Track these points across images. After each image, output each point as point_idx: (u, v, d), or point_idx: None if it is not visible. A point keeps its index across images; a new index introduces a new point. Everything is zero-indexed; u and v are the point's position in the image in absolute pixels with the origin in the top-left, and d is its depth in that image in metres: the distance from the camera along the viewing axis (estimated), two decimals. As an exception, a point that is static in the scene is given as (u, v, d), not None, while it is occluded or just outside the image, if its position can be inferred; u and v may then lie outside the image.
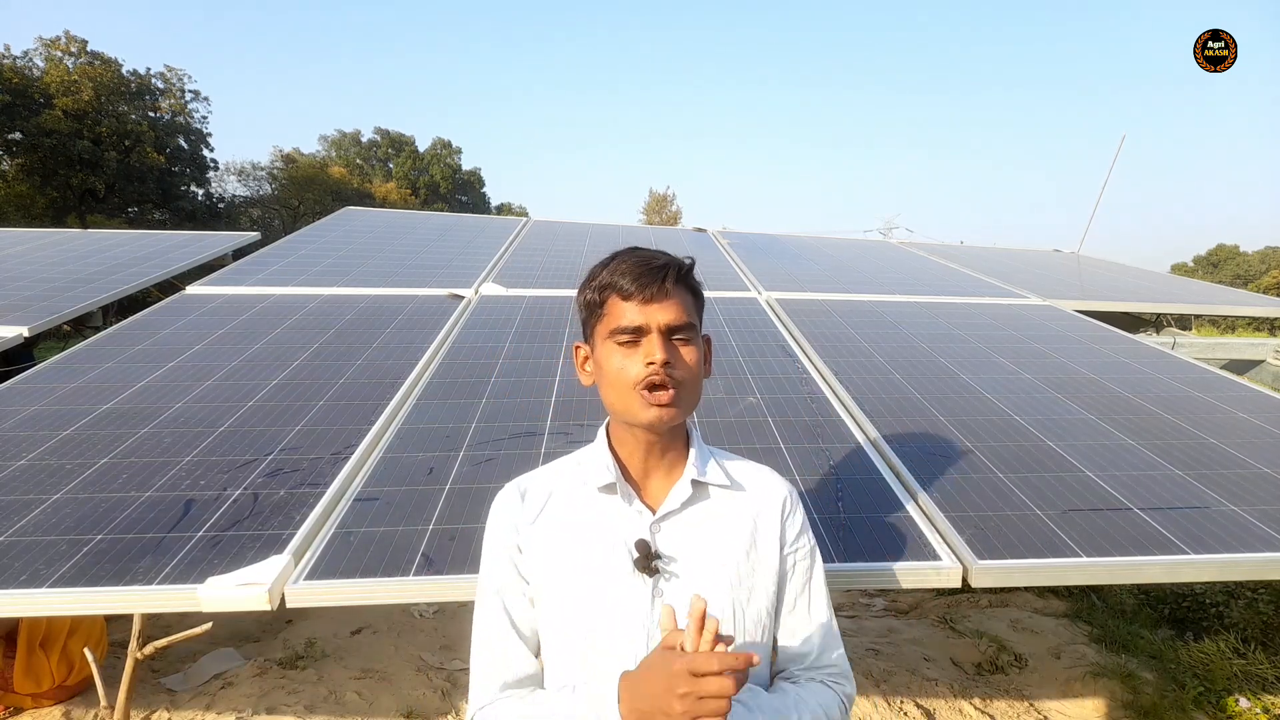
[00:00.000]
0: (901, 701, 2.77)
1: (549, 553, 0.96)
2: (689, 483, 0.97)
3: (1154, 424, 2.05)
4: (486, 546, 1.00)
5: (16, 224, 16.76)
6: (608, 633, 0.93)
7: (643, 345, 0.91)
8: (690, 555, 0.95)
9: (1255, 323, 13.58)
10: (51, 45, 20.79)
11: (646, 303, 0.91)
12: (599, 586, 0.93)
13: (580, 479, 0.99)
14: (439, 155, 38.73)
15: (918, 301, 3.47)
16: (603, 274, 0.94)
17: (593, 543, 0.95)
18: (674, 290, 0.93)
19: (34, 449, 1.77)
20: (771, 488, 1.03)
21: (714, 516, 0.98)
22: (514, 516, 0.98)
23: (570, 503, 0.98)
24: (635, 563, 0.92)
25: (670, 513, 0.96)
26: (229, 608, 1.27)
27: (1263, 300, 4.85)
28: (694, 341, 0.95)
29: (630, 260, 0.93)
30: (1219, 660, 3.01)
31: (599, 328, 0.95)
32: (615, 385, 0.92)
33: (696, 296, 0.98)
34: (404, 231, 4.64)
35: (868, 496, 1.62)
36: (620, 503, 0.96)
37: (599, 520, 0.96)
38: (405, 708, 2.70)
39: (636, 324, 0.91)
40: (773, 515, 1.00)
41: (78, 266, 3.79)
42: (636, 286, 0.91)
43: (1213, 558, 1.41)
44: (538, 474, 1.03)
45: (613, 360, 0.92)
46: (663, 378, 0.90)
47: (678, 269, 0.94)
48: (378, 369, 2.29)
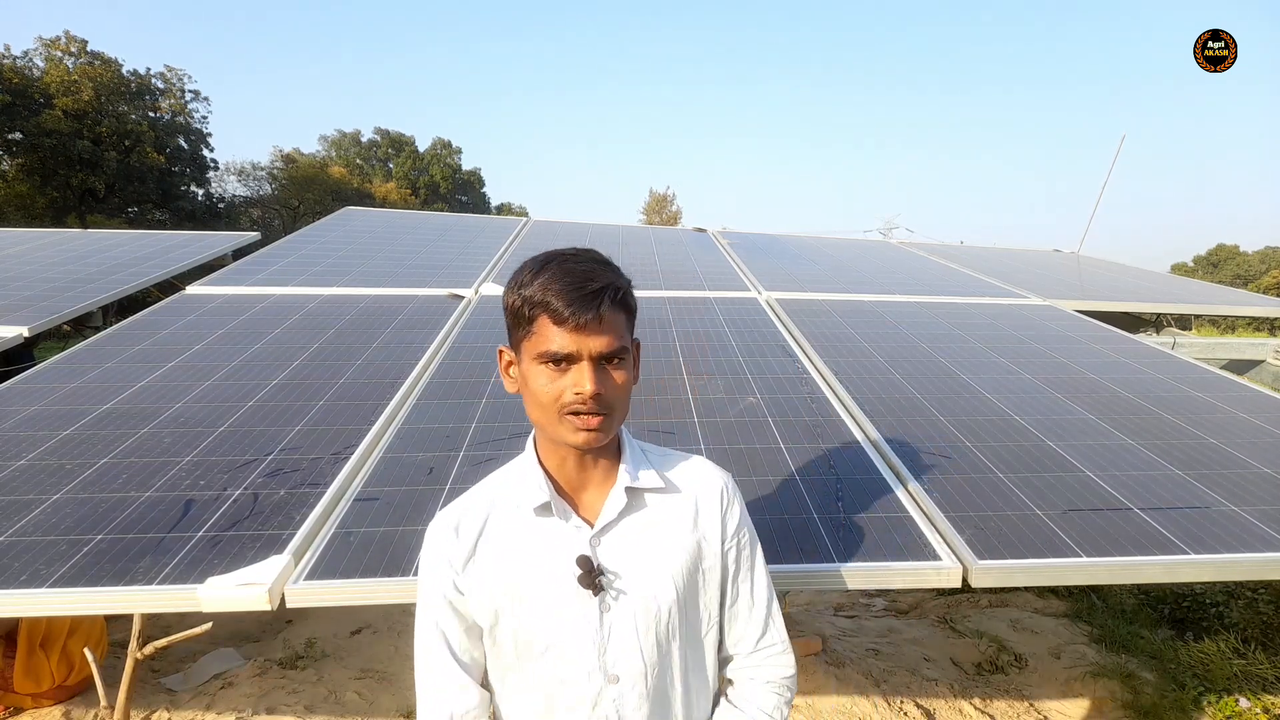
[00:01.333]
0: (901, 701, 2.77)
1: (491, 585, 0.94)
2: (624, 491, 0.95)
3: (1154, 424, 2.05)
4: (422, 583, 0.98)
5: (16, 224, 16.76)
6: (559, 654, 0.93)
7: (572, 372, 0.87)
8: (633, 566, 0.94)
9: (1255, 323, 13.57)
10: (51, 45, 20.79)
11: (579, 330, 0.85)
12: (547, 609, 0.92)
13: (513, 501, 0.96)
14: (439, 155, 38.73)
15: (918, 301, 3.46)
16: (534, 286, 0.87)
17: (535, 567, 0.93)
18: (609, 315, 0.87)
19: (34, 449, 1.77)
20: (707, 483, 1.01)
21: (653, 523, 0.97)
22: (449, 554, 0.95)
23: (506, 529, 0.96)
24: (579, 580, 0.91)
25: (608, 524, 0.95)
26: (229, 608, 1.26)
27: (1263, 300, 4.85)
28: (625, 363, 0.91)
29: (565, 279, 0.86)
30: (1219, 660, 3.01)
31: (526, 344, 0.89)
32: (541, 406, 0.89)
33: (630, 312, 0.93)
34: (404, 231, 4.64)
35: (868, 496, 1.62)
36: (557, 521, 0.94)
37: (538, 542, 0.94)
38: (405, 708, 2.70)
39: (567, 351, 0.86)
40: (712, 511, 0.99)
41: (78, 266, 3.79)
42: (570, 312, 0.84)
43: (1212, 558, 1.41)
44: (468, 501, 1.00)
45: (539, 380, 0.88)
46: (591, 407, 0.87)
47: (614, 293, 0.88)
48: (378, 369, 2.29)
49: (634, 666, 0.93)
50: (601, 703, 0.93)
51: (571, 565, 0.92)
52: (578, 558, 0.92)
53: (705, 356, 2.49)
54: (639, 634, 0.93)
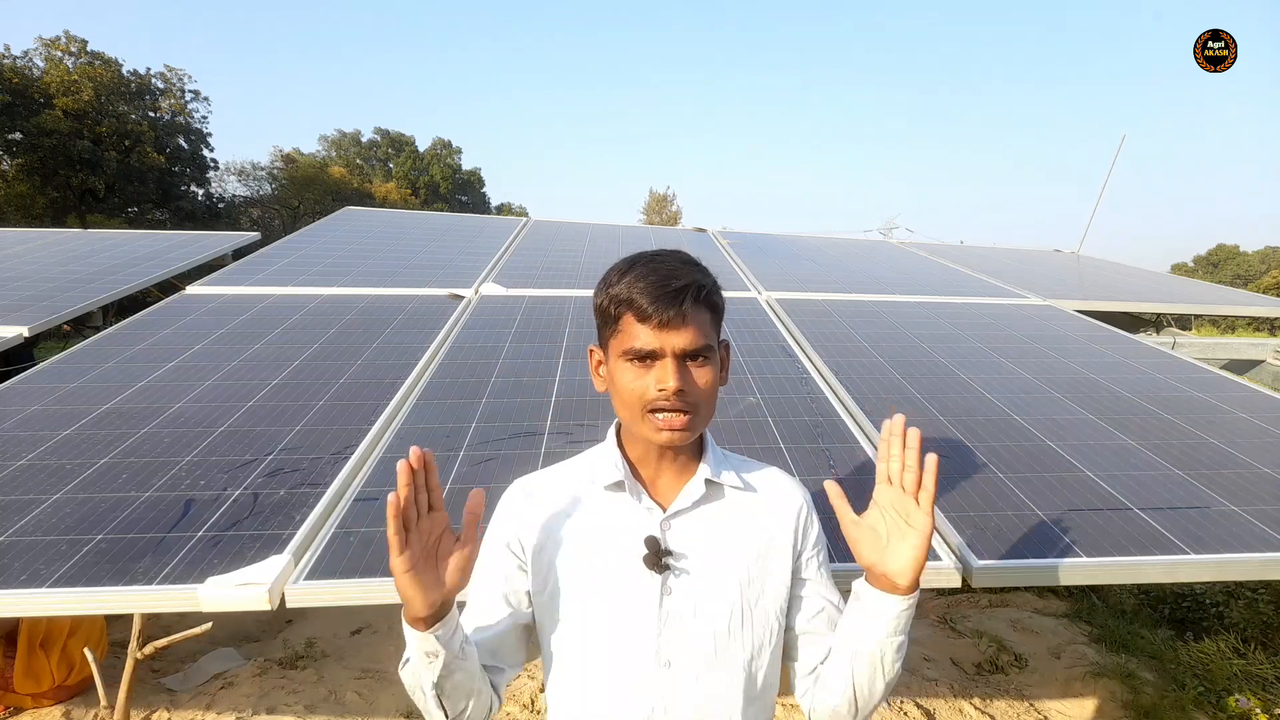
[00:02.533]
0: (901, 701, 2.77)
1: (557, 551, 0.95)
2: (702, 481, 0.96)
3: (1154, 424, 2.05)
4: (488, 541, 0.99)
5: (16, 224, 16.78)
6: (615, 628, 0.93)
7: (656, 369, 0.89)
8: (701, 553, 0.94)
9: (1255, 323, 13.58)
10: (51, 45, 20.78)
11: (662, 327, 0.87)
12: (609, 582, 0.93)
13: (589, 477, 0.98)
14: (439, 155, 38.73)
15: (918, 301, 3.47)
16: (620, 285, 0.90)
17: (602, 540, 0.94)
18: (692, 313, 0.88)
19: (34, 449, 1.77)
20: (787, 496, 1.02)
21: (726, 516, 0.97)
22: (520, 515, 0.98)
23: (578, 501, 0.97)
24: (644, 559, 0.92)
25: (681, 510, 0.96)
26: (229, 608, 1.26)
27: (1263, 300, 4.85)
28: (711, 360, 0.91)
29: (650, 278, 0.88)
30: (1219, 660, 3.01)
31: (613, 342, 0.92)
32: (627, 403, 0.91)
33: (717, 312, 0.94)
34: (404, 231, 4.64)
35: (868, 497, 1.62)
36: (629, 500, 0.96)
37: (608, 518, 0.95)
38: (405, 708, 2.70)
39: (651, 348, 0.88)
40: (787, 523, 1.00)
41: (78, 266, 3.79)
42: (654, 309, 0.86)
43: (1212, 558, 1.41)
44: (544, 473, 1.02)
45: (625, 377, 0.90)
46: (674, 405, 0.88)
47: (698, 290, 0.89)
48: (378, 369, 2.29)
49: (688, 654, 0.93)
50: (650, 686, 0.92)
51: (639, 545, 0.92)
52: (646, 537, 0.92)
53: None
54: (697, 621, 0.93)
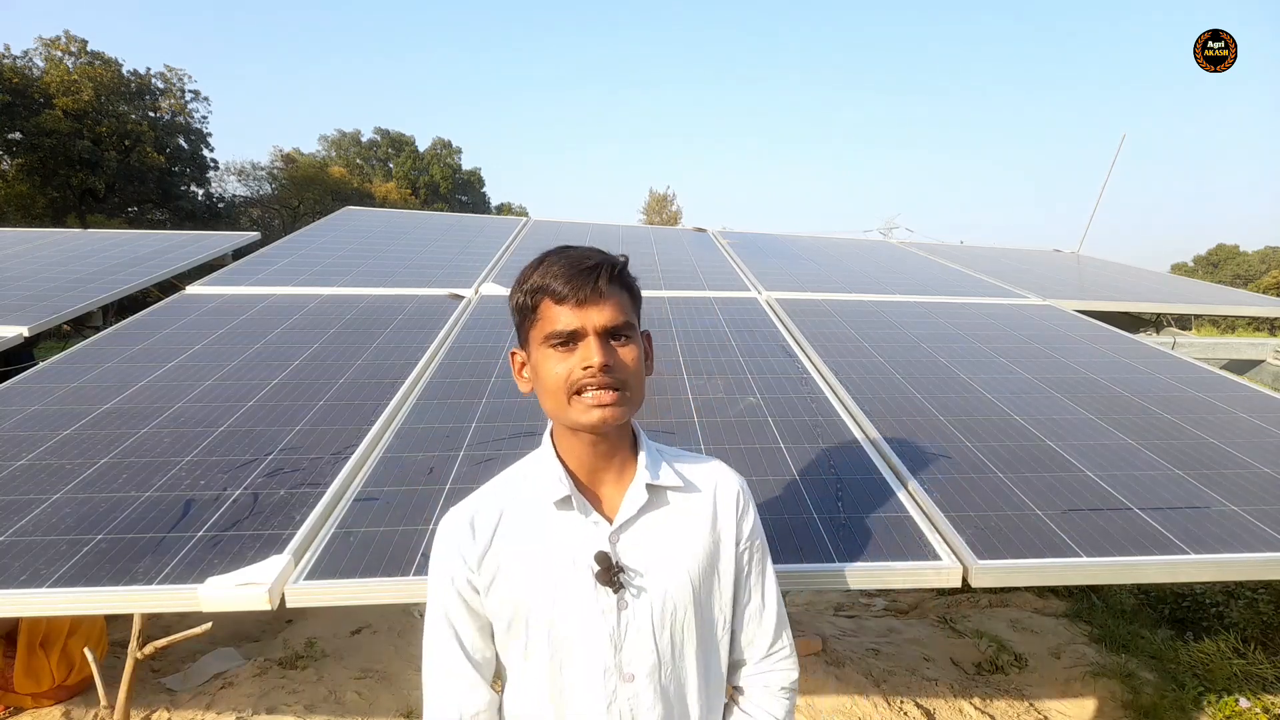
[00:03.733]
0: (901, 701, 2.77)
1: (508, 580, 0.93)
2: (644, 487, 0.95)
3: (1154, 424, 2.05)
4: (433, 579, 0.96)
5: (16, 224, 16.75)
6: (575, 650, 0.92)
7: (579, 350, 0.88)
8: (652, 562, 0.94)
9: (1255, 323, 13.57)
10: (51, 45, 20.79)
11: (581, 305, 0.87)
12: (564, 605, 0.92)
13: (531, 495, 0.95)
14: (439, 155, 38.72)
15: (918, 301, 3.46)
16: (534, 276, 0.90)
17: (553, 561, 0.92)
18: (609, 290, 0.89)
19: (34, 449, 1.77)
20: (724, 485, 1.02)
21: (671, 521, 0.97)
22: (463, 549, 0.94)
23: (523, 523, 0.95)
24: (597, 576, 0.90)
25: (628, 521, 0.94)
26: (229, 608, 1.26)
27: (1263, 300, 4.85)
28: (634, 340, 0.92)
29: (561, 261, 0.89)
30: (1219, 660, 3.01)
31: (533, 333, 0.91)
32: (553, 391, 0.89)
33: (633, 294, 0.95)
34: (404, 231, 4.64)
35: (868, 496, 1.62)
36: (576, 516, 0.94)
37: (556, 537, 0.93)
38: (405, 708, 2.70)
39: (572, 328, 0.87)
40: (728, 513, 1.00)
41: (78, 266, 3.79)
42: (570, 289, 0.87)
43: (1212, 558, 1.41)
44: (482, 496, 0.98)
45: (549, 365, 0.89)
46: (601, 381, 0.87)
47: (611, 268, 0.90)
48: (378, 369, 2.29)
49: (649, 665, 0.93)
50: (616, 701, 0.92)
51: (590, 561, 0.91)
52: (596, 554, 0.91)
53: (705, 356, 2.49)
54: (655, 632, 0.93)
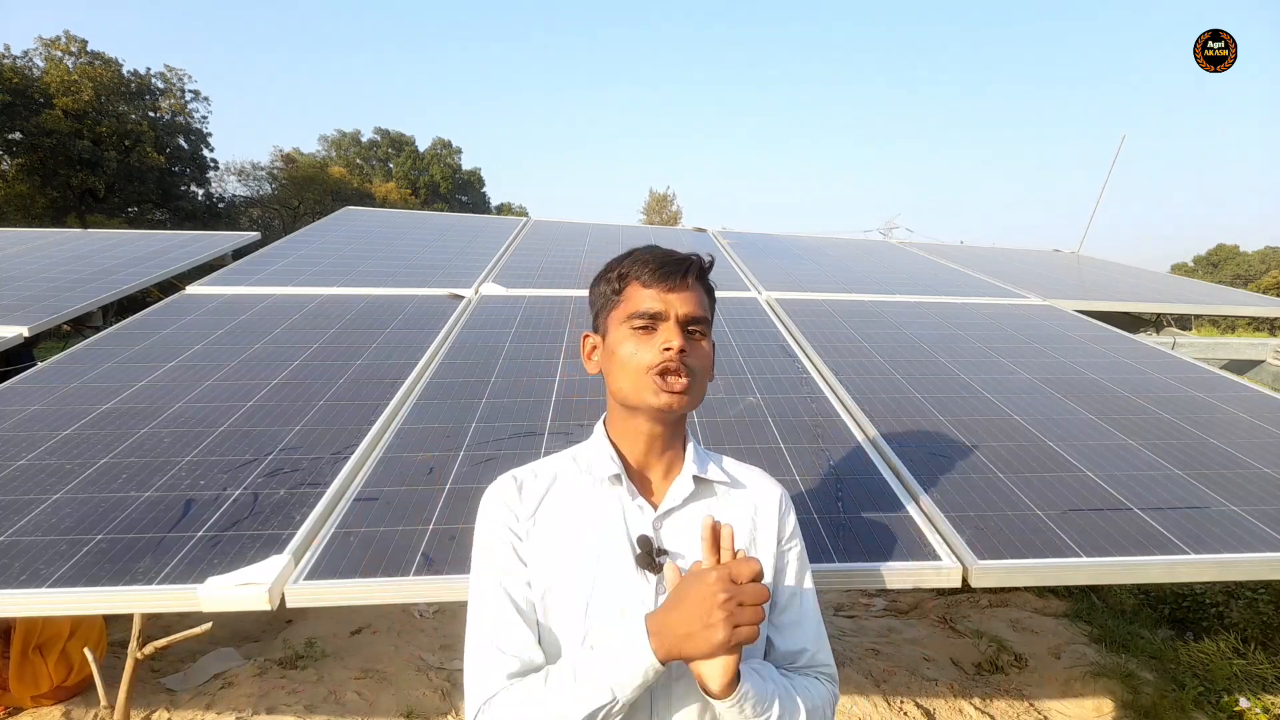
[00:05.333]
0: (901, 701, 2.77)
1: (550, 546, 0.94)
2: (690, 479, 0.97)
3: (1154, 424, 2.05)
4: (481, 531, 0.96)
5: (16, 224, 16.76)
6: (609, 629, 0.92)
7: (660, 331, 0.92)
8: (693, 551, 0.94)
9: (1255, 323, 13.58)
10: (51, 45, 20.78)
11: (667, 291, 0.93)
12: (602, 582, 0.92)
13: (582, 472, 0.98)
14: (439, 155, 38.71)
15: (918, 301, 3.46)
16: (623, 264, 0.97)
17: (596, 537, 0.93)
18: (694, 285, 0.95)
19: (34, 449, 1.77)
20: (768, 486, 1.04)
21: (714, 514, 0.96)
22: (512, 505, 0.95)
23: (571, 495, 0.96)
24: (638, 559, 0.92)
25: (673, 509, 0.96)
26: (229, 608, 1.26)
27: (1263, 300, 4.85)
28: (708, 336, 0.97)
29: (652, 253, 0.96)
30: (1219, 660, 3.01)
31: (614, 314, 0.96)
32: (628, 369, 0.92)
33: (711, 297, 1.00)
34: (404, 231, 4.64)
35: (868, 496, 1.62)
36: (624, 497, 0.95)
37: (601, 514, 0.95)
38: (405, 708, 2.70)
39: (656, 309, 0.92)
40: (770, 512, 1.01)
41: (78, 266, 3.79)
42: (658, 276, 0.93)
43: (1212, 558, 1.41)
44: (533, 466, 1.01)
45: (626, 345, 0.93)
46: (678, 364, 0.90)
47: (699, 265, 0.97)
48: (378, 369, 2.29)
49: None
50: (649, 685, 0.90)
51: (632, 544, 0.93)
52: (639, 537, 0.93)
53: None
54: None
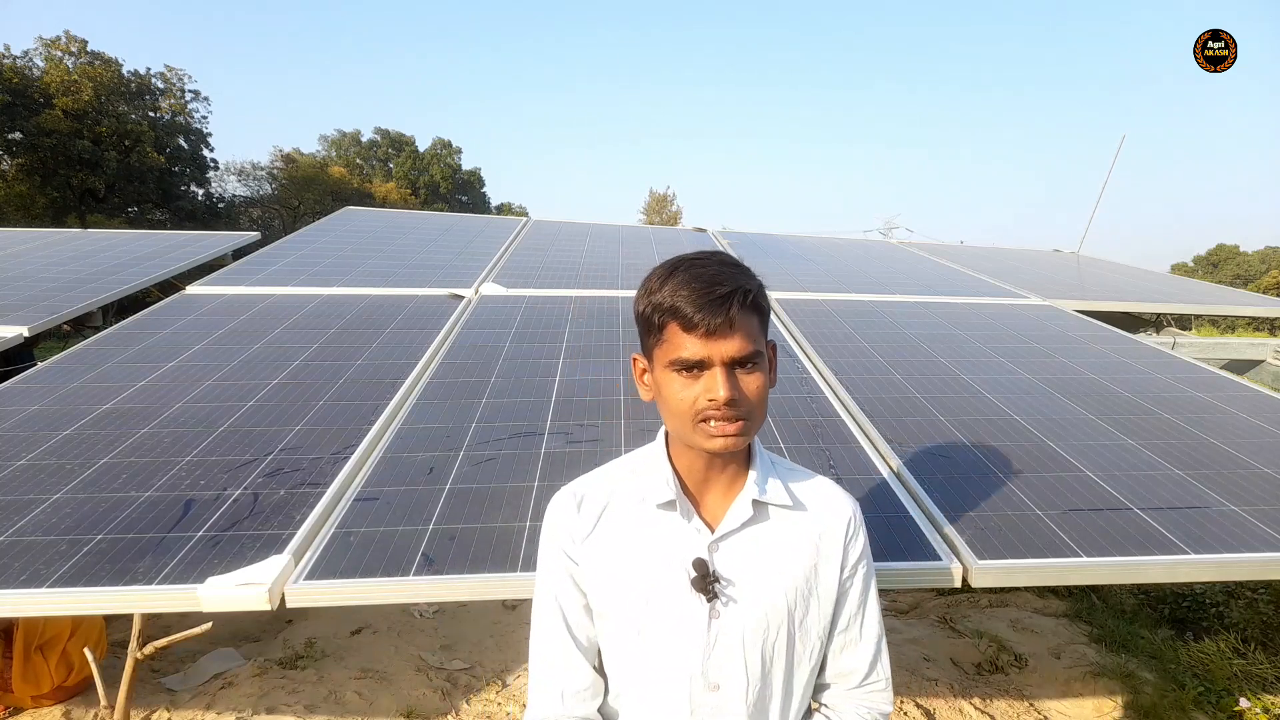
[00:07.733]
0: (901, 701, 2.77)
1: (605, 568, 0.94)
2: (749, 502, 0.94)
3: (1154, 424, 2.05)
4: (543, 554, 0.99)
5: (16, 224, 16.76)
6: (662, 652, 0.92)
7: (705, 378, 0.86)
8: (749, 578, 0.93)
9: (1255, 323, 13.58)
10: (51, 45, 20.80)
11: (710, 336, 0.84)
12: (656, 605, 0.92)
13: (639, 492, 0.96)
14: (439, 155, 38.72)
15: (918, 301, 3.46)
16: (662, 291, 0.86)
17: (650, 560, 0.93)
18: (740, 319, 0.85)
19: (34, 449, 1.77)
20: (836, 509, 0.99)
21: (774, 538, 0.95)
22: (570, 527, 0.96)
23: (627, 516, 0.96)
24: (692, 583, 0.90)
25: (729, 532, 0.94)
26: (229, 608, 1.26)
27: (1263, 300, 4.85)
28: (760, 367, 0.88)
29: (694, 284, 0.85)
30: (1219, 660, 3.01)
31: (657, 352, 0.90)
32: (676, 414, 0.89)
33: (763, 315, 0.91)
34: (404, 231, 4.64)
35: (868, 496, 1.62)
36: (679, 519, 0.94)
37: (657, 537, 0.94)
38: (405, 708, 2.70)
39: (699, 358, 0.85)
40: (835, 538, 0.97)
41: (78, 266, 3.79)
42: (700, 317, 0.83)
43: (1212, 558, 1.41)
44: (593, 480, 1.00)
45: (672, 388, 0.88)
46: (725, 414, 0.86)
47: (744, 296, 0.86)
48: (378, 369, 2.29)
49: (736, 677, 0.92)
50: (699, 710, 0.92)
51: (687, 566, 0.91)
52: (694, 561, 0.91)
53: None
54: (745, 646, 0.92)
